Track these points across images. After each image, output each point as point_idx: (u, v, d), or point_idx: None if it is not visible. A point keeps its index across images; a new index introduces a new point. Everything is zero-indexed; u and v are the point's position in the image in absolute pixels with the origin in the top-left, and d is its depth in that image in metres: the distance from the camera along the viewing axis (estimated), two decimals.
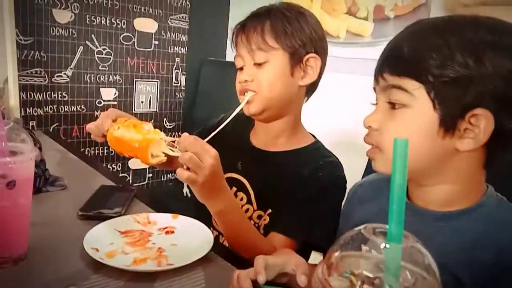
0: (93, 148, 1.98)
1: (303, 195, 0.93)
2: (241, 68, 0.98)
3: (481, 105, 0.60)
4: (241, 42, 0.97)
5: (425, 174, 0.67)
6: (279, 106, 0.97)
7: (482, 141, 0.61)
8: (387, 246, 0.36)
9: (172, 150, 0.77)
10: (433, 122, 0.62)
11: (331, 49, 0.99)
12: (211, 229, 0.86)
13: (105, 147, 2.04)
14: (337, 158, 1.00)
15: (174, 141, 0.77)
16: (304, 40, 0.94)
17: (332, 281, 0.37)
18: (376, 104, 0.70)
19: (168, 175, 2.31)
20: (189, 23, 2.19)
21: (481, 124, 0.60)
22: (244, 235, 0.86)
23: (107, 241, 0.79)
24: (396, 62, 0.65)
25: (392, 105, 0.66)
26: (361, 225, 0.38)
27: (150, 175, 2.22)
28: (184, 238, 0.83)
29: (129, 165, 2.13)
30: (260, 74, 0.94)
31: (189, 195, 0.88)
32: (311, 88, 1.01)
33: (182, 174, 0.75)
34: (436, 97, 0.61)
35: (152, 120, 2.25)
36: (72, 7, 1.78)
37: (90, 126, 0.94)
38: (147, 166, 2.20)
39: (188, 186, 0.85)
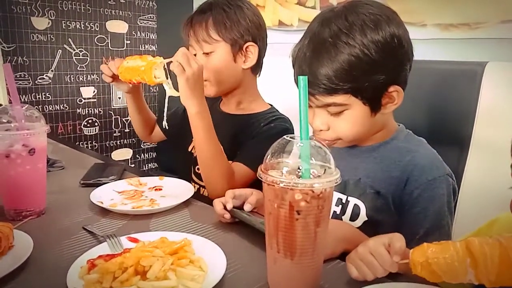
0: (77, 143, 2.13)
1: (259, 139, 1.13)
2: (194, 55, 1.18)
3: (391, 84, 0.81)
4: (190, 35, 1.17)
5: (365, 136, 0.88)
6: (229, 85, 1.20)
7: (399, 103, 0.84)
8: (301, 144, 0.57)
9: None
10: (366, 111, 0.83)
11: (286, 36, 1.16)
12: (192, 183, 1.07)
13: (89, 141, 2.19)
14: (289, 118, 1.22)
15: (171, 61, 0.98)
16: (241, 32, 1.14)
17: (269, 173, 0.58)
18: (311, 107, 0.85)
19: (149, 165, 2.49)
20: (157, 22, 2.37)
21: (395, 95, 0.83)
22: (212, 140, 1.04)
23: (108, 198, 0.98)
24: (324, 86, 0.80)
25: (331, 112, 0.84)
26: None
27: (133, 165, 2.38)
28: (171, 191, 1.03)
29: (112, 157, 2.29)
30: (208, 63, 1.14)
31: (167, 127, 1.10)
32: (257, 67, 1.22)
33: (174, 64, 0.96)
34: (362, 98, 0.81)
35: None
36: (49, 14, 1.92)
37: (103, 66, 1.17)
38: (129, 157, 2.38)
39: (167, 121, 1.08)
